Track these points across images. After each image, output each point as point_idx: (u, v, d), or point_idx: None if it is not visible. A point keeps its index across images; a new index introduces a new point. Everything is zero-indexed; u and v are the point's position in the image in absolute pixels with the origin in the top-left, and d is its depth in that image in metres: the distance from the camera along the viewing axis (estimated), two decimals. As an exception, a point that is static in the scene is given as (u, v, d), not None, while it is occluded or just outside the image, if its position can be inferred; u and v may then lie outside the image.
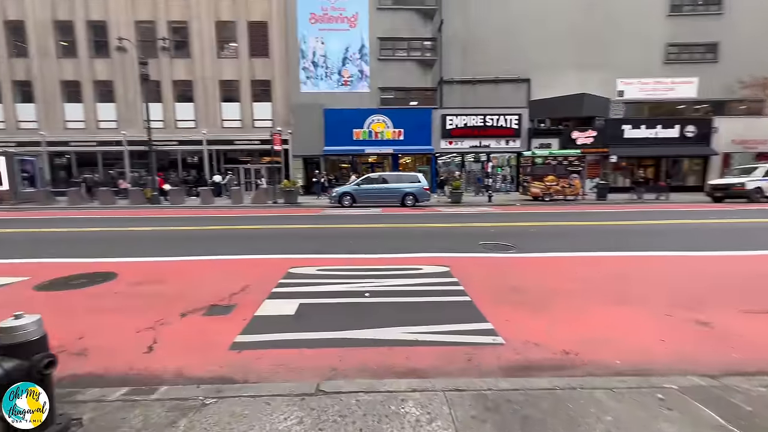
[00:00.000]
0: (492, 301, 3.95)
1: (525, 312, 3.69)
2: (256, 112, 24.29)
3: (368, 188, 16.27)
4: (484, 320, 3.43)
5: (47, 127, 23.36)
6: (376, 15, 23.06)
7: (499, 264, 5.78)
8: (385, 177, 16.85)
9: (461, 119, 23.54)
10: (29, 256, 6.29)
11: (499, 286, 4.57)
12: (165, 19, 23.18)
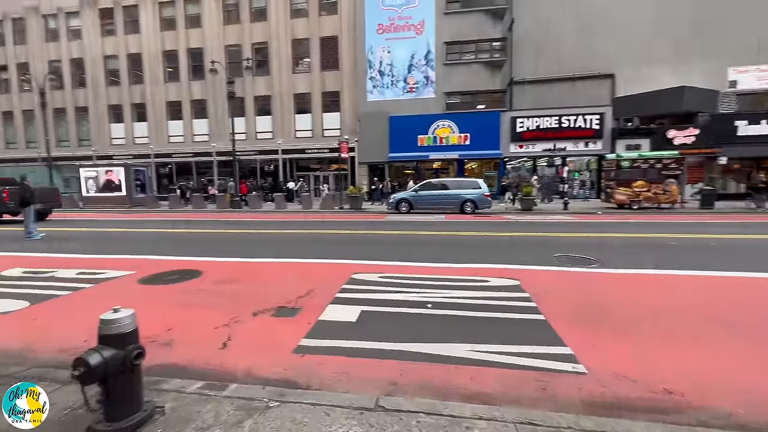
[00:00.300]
0: (571, 322, 3.53)
1: (611, 337, 3.23)
2: (326, 122, 25.57)
3: (426, 194, 15.90)
4: (562, 343, 3.07)
5: (155, 142, 27.29)
6: (443, 20, 22.86)
7: (578, 279, 5.20)
8: (445, 183, 16.42)
9: (533, 121, 22.12)
10: (137, 253, 7.28)
11: (578, 304, 4.09)
12: (249, 41, 25.68)
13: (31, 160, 27.68)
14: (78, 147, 28.48)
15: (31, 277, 5.44)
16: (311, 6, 24.74)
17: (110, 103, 27.84)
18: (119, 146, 27.90)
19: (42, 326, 3.68)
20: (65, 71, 28.09)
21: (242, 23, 25.56)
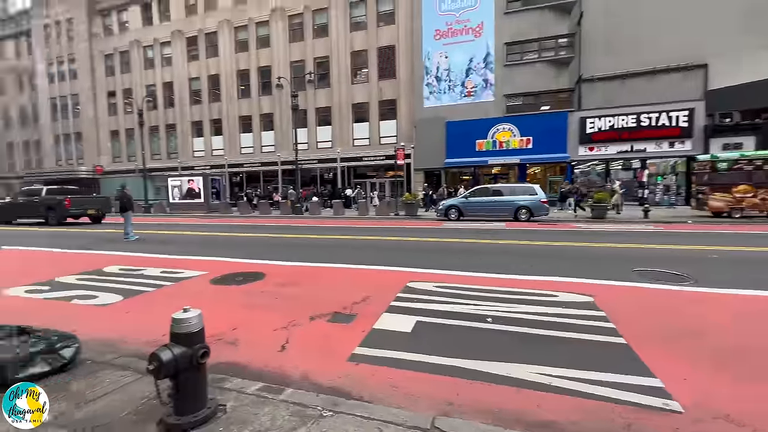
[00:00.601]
0: (658, 348, 3.06)
1: (710, 369, 2.73)
2: (383, 129, 25.99)
3: (476, 201, 15.30)
4: (648, 373, 2.66)
5: (229, 153, 29.98)
6: (503, 20, 22.06)
7: (665, 298, 4.54)
8: (498, 189, 15.65)
9: (606, 121, 20.27)
10: (211, 255, 7.95)
11: (667, 327, 3.54)
12: (312, 56, 27.17)
13: (130, 171, 32.02)
14: (167, 159, 32.32)
15: (125, 274, 6.19)
16: (370, 18, 25.47)
17: (193, 119, 31.23)
18: (200, 158, 31.10)
19: (132, 318, 4.13)
20: (159, 94, 32.16)
21: (306, 40, 27.15)
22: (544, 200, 14.64)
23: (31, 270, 6.74)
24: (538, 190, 14.96)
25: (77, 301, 4.74)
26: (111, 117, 34.52)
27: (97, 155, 34.93)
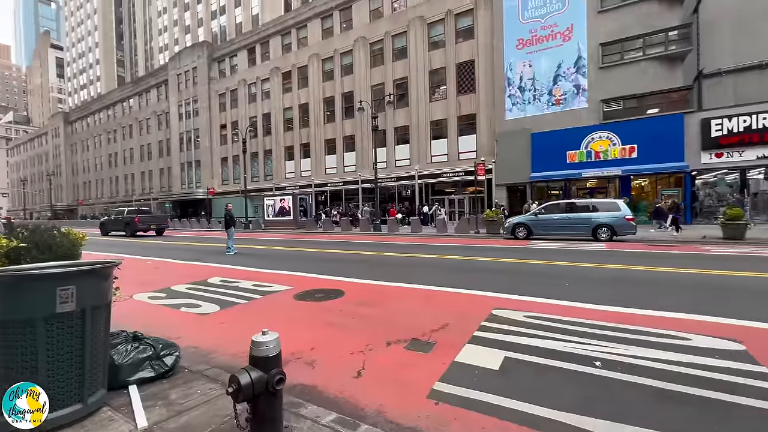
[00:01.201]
0: None
1: None
2: (461, 145, 25.42)
3: (548, 218, 13.97)
4: None
5: (315, 174, 32.34)
6: (597, 20, 20.09)
7: None
8: (574, 204, 14.25)
9: (739, 121, 16.79)
10: (296, 270, 8.40)
11: None
12: (391, 79, 28.18)
13: (235, 192, 36.60)
14: (264, 180, 36.21)
15: (224, 286, 6.83)
16: (448, 36, 25.53)
17: (286, 145, 34.61)
18: (290, 179, 34.16)
19: (225, 330, 4.44)
20: (259, 124, 36.51)
21: (385, 64, 28.31)
22: (629, 217, 12.84)
23: (154, 278, 7.89)
24: (622, 205, 13.17)
25: (184, 309, 5.32)
26: (222, 146, 40.19)
27: (211, 178, 40.81)
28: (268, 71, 35.51)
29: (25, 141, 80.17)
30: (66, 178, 65.16)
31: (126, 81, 66.04)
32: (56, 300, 2.14)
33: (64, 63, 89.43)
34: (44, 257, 2.91)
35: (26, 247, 2.83)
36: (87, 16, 76.67)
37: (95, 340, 2.37)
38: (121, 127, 53.20)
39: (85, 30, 77.78)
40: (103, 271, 2.43)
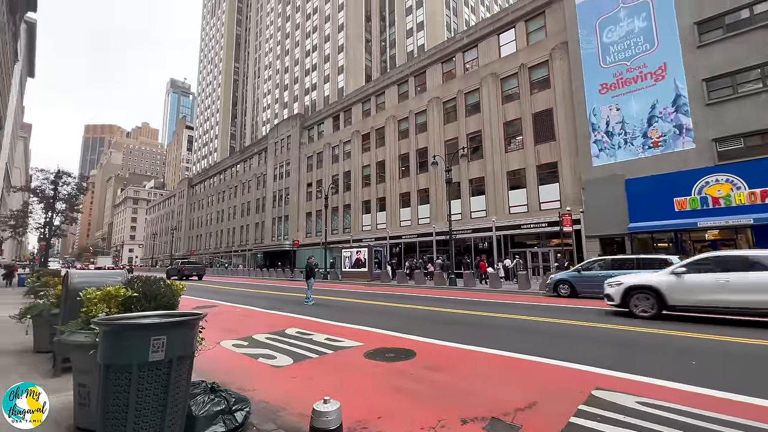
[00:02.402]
0: None
1: None
2: (543, 195, 23.95)
3: (592, 275, 13.18)
4: None
5: (390, 226, 33.14)
6: (695, 56, 18.23)
7: None
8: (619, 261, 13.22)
9: None
10: (368, 324, 8.28)
11: None
12: (464, 133, 28.66)
13: (316, 244, 39.09)
14: (342, 233, 38.20)
15: (298, 338, 6.99)
16: (522, 88, 25.50)
17: (363, 199, 36.57)
18: (367, 231, 35.48)
19: (296, 385, 4.42)
20: (340, 181, 39.58)
21: (458, 120, 29.08)
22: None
23: (240, 326, 8.47)
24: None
25: (262, 360, 5.51)
26: (307, 202, 44.13)
27: (296, 231, 44.50)
28: (349, 134, 39.09)
29: (159, 202, 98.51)
30: (184, 231, 77.22)
31: (235, 150, 78.60)
32: (149, 348, 2.34)
33: (192, 139, 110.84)
34: (149, 306, 3.29)
35: (138, 296, 3.24)
36: (212, 103, 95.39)
37: (178, 390, 2.51)
38: (228, 188, 62.37)
39: (210, 113, 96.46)
40: (190, 323, 2.64)
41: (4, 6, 29.54)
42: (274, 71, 69.78)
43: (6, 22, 30.47)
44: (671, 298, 8.58)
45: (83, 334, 3.01)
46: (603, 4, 21.41)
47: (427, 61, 32.09)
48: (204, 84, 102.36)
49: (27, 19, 40.01)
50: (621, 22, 20.65)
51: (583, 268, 13.94)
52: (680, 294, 8.49)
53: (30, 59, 50.35)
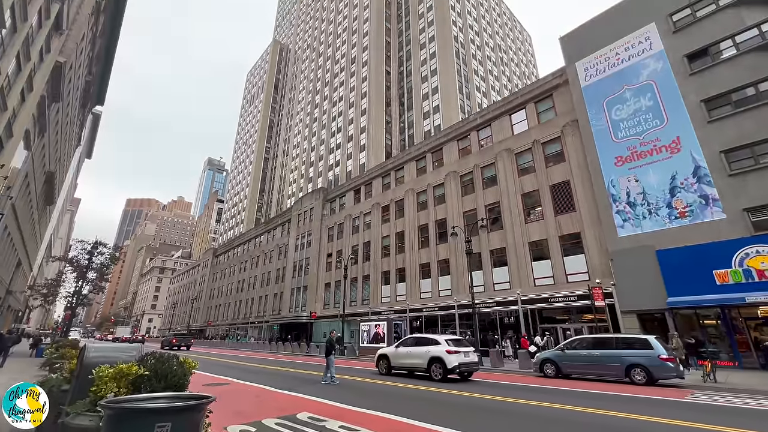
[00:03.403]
0: None
1: None
2: (568, 266, 23.07)
3: (575, 354, 13.69)
4: None
5: (410, 298, 32.13)
6: (708, 130, 18.62)
7: None
8: (601, 339, 13.75)
9: None
10: (389, 411, 7.55)
11: None
12: (483, 204, 29.06)
13: (334, 317, 37.98)
14: (361, 305, 37.18)
15: (311, 424, 6.40)
16: (537, 162, 26.30)
17: (382, 270, 36.23)
18: (386, 303, 34.43)
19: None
20: (359, 251, 39.81)
21: (476, 192, 29.75)
22: (663, 356, 11.79)
23: (250, 408, 7.90)
24: (655, 343, 12.16)
25: (269, 451, 5.00)
26: (327, 272, 44.06)
27: (314, 302, 43.70)
28: (369, 206, 40.37)
29: (183, 271, 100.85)
30: (204, 301, 77.33)
31: (261, 222, 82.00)
32: (153, 435, 2.20)
33: (222, 211, 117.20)
34: (159, 386, 3.17)
35: (148, 375, 3.15)
36: (243, 178, 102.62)
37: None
38: (251, 258, 63.65)
39: (240, 188, 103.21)
40: (198, 407, 2.50)
41: (78, 101, 34.50)
42: (302, 150, 75.67)
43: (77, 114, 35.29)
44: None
45: (88, 417, 2.88)
46: (608, 86, 22.84)
47: (443, 139, 34.13)
48: (237, 162, 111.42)
49: (94, 111, 46.26)
50: (627, 101, 21.77)
51: (566, 347, 14.24)
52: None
53: (90, 144, 56.91)
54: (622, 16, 23.30)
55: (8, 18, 14.13)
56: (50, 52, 20.14)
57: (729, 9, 19.15)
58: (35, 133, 22.05)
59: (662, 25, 21.34)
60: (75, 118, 35.61)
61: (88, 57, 30.15)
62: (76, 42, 22.48)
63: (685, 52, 20.13)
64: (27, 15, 15.70)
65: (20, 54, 16.23)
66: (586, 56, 24.25)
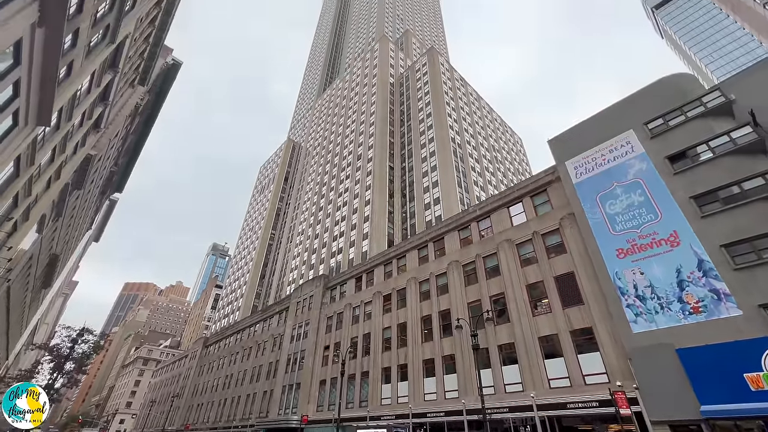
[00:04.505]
0: None
1: None
2: (584, 365, 21.32)
3: None
4: None
5: (413, 400, 29.00)
6: (703, 225, 19.09)
7: None
8: None
9: None
10: None
11: None
12: (487, 295, 28.26)
13: (327, 421, 33.83)
14: (358, 408, 33.41)
15: None
16: (539, 253, 26.41)
17: (383, 366, 33.53)
18: (386, 406, 30.98)
19: None
20: (359, 344, 37.43)
21: (479, 282, 29.23)
22: None
23: None
24: None
25: None
26: (322, 368, 40.75)
27: (307, 403, 39.40)
28: (371, 295, 39.32)
29: (170, 363, 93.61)
30: (185, 399, 70.00)
31: (258, 309, 79.16)
32: None
33: (219, 298, 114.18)
34: None
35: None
36: (245, 264, 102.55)
37: None
38: (243, 349, 59.67)
39: (240, 273, 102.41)
40: None
41: (98, 188, 36.57)
42: (305, 237, 77.15)
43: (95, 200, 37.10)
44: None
45: None
46: (599, 183, 24.20)
47: (445, 229, 34.93)
48: (241, 248, 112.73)
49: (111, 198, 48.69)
50: (619, 197, 22.82)
51: None
52: None
53: (101, 228, 58.56)
54: (602, 124, 25.95)
55: (54, 118, 15.91)
56: (84, 146, 22.12)
57: (697, 120, 21.37)
58: (50, 218, 22.88)
59: (639, 132, 23.58)
60: (92, 204, 37.32)
61: (118, 150, 33.01)
62: (110, 138, 24.88)
63: (665, 154, 21.83)
64: (72, 116, 17.71)
65: (56, 147, 17.83)
66: (575, 156, 26.25)
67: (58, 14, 11.50)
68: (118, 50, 19.73)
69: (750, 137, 19.06)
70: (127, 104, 27.09)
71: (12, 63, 11.41)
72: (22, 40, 11.14)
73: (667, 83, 24.54)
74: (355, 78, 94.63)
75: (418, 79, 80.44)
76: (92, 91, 18.82)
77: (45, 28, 11.72)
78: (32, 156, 15.27)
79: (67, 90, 15.32)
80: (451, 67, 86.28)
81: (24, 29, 10.92)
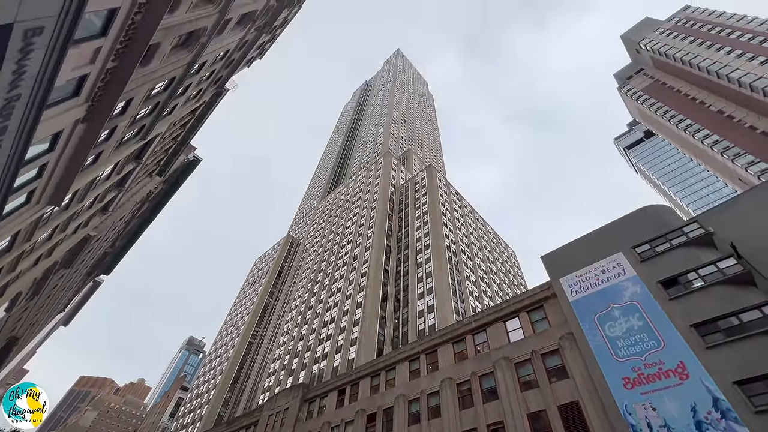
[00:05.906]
0: None
1: None
2: None
3: None
4: None
5: None
6: (709, 357, 18.06)
7: None
8: None
9: None
10: None
11: None
12: (484, 423, 24.99)
13: None
14: None
15: None
16: (539, 375, 24.38)
17: None
18: None
19: None
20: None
21: (475, 406, 26.23)
22: None
23: None
24: None
25: None
26: (286, 508, 33.43)
27: None
28: (353, 413, 34.78)
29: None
30: None
31: (222, 421, 68.93)
32: None
33: (182, 402, 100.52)
34: None
35: None
36: (219, 363, 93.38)
37: None
38: (194, 474, 49.88)
39: (212, 374, 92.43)
40: None
41: (87, 269, 35.75)
42: (290, 337, 72.19)
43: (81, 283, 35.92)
44: None
45: None
46: (595, 302, 23.81)
47: (438, 340, 32.95)
48: (219, 344, 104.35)
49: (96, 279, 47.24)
50: (618, 319, 22.18)
51: None
52: None
53: (74, 312, 55.26)
54: (591, 245, 26.91)
55: (67, 199, 16.54)
56: (86, 227, 22.45)
57: (682, 248, 22.25)
58: (25, 296, 21.80)
59: (629, 255, 24.30)
60: (74, 284, 35.98)
61: (118, 233, 33.39)
62: (114, 221, 25.42)
63: (656, 279, 22.05)
64: (84, 198, 18.44)
65: (58, 226, 18.07)
66: (568, 274, 26.46)
67: (103, 115, 13.00)
68: (147, 145, 21.67)
69: (736, 269, 19.54)
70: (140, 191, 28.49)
71: (46, 149, 12.41)
72: (63, 131, 12.35)
73: (649, 212, 26.37)
74: (358, 185, 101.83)
75: (417, 190, 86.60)
76: (111, 177, 19.99)
77: (86, 123, 13.10)
78: (31, 232, 15.36)
79: (89, 175, 16.28)
80: (447, 183, 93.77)
81: (67, 124, 12.20)
